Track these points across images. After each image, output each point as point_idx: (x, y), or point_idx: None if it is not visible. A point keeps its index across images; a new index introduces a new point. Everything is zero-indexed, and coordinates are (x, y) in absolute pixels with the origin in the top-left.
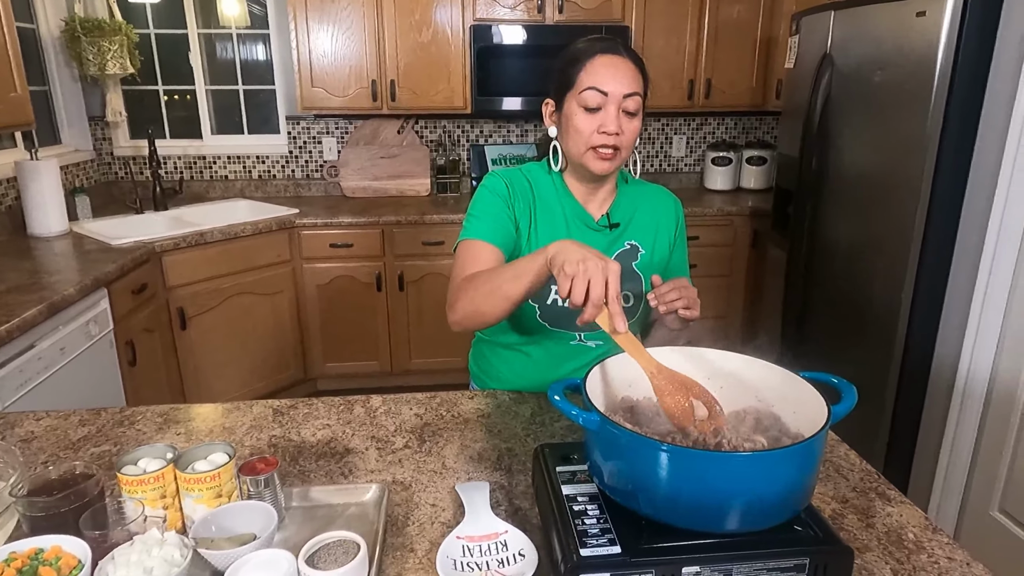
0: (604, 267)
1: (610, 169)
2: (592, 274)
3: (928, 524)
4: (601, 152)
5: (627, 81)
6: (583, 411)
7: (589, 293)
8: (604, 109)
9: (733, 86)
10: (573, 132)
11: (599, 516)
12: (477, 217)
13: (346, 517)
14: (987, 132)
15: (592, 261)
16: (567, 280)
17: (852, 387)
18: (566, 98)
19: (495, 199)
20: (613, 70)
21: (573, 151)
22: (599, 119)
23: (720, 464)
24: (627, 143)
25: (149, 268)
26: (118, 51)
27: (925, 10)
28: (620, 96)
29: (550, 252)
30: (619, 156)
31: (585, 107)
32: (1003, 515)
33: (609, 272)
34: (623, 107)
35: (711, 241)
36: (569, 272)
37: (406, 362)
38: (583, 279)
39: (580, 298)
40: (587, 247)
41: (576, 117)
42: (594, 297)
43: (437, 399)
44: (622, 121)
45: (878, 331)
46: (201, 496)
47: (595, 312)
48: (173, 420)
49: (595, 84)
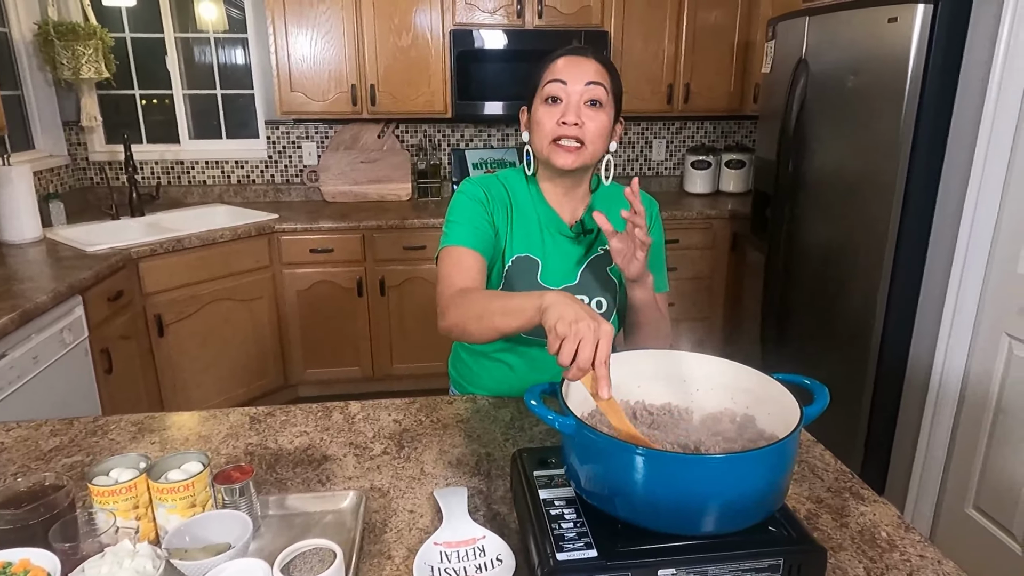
0: (596, 329)
1: (574, 163)
2: (583, 335)
3: (901, 523)
4: (563, 145)
5: (589, 72)
6: (559, 415)
7: (577, 355)
8: (565, 100)
9: (711, 90)
10: (536, 127)
11: (576, 520)
12: (456, 223)
13: (323, 525)
14: (958, 135)
15: (585, 323)
16: (557, 340)
17: (824, 388)
18: (534, 100)
19: (473, 203)
20: (575, 65)
21: (537, 146)
22: (560, 110)
23: (695, 467)
24: (592, 136)
25: (125, 275)
26: (93, 55)
27: (896, 16)
28: (581, 84)
29: (544, 304)
30: (584, 151)
31: (546, 99)
32: (977, 512)
33: (601, 335)
34: (585, 96)
35: (691, 244)
36: (560, 332)
37: (388, 367)
38: (573, 340)
39: (567, 360)
40: (582, 305)
41: (539, 112)
42: (580, 361)
43: (416, 404)
44: (584, 112)
45: (854, 332)
46: (174, 506)
47: (579, 375)
48: (148, 429)
49: (555, 76)
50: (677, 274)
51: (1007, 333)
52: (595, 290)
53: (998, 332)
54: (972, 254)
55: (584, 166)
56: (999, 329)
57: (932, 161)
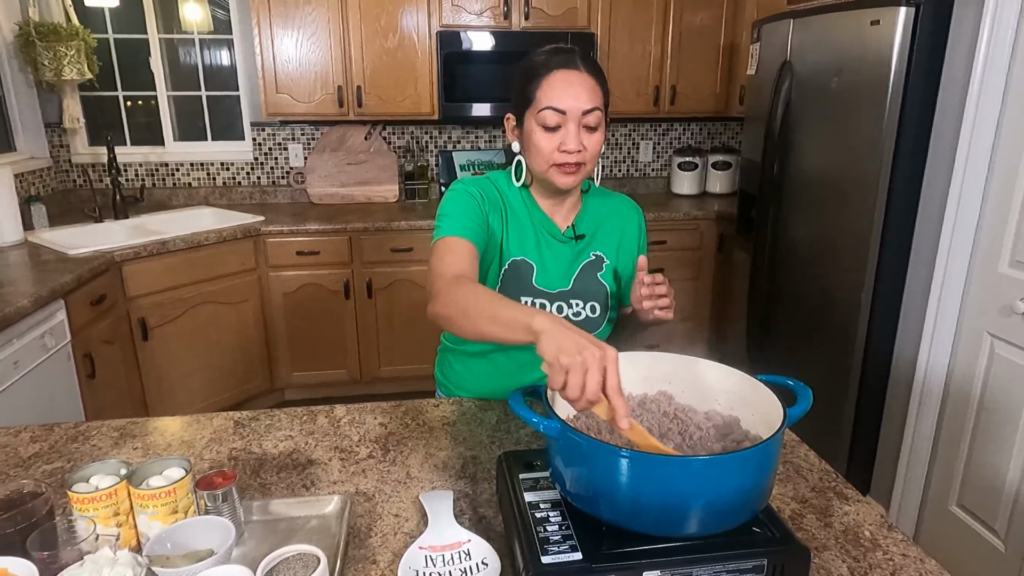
0: (602, 357)
1: (575, 183)
2: (588, 365)
3: (884, 522)
4: (564, 168)
5: (585, 96)
6: (544, 418)
7: (585, 386)
8: (564, 127)
9: (697, 92)
10: (535, 150)
11: (561, 523)
12: (449, 216)
13: (307, 530)
14: (940, 135)
15: (589, 352)
16: (562, 373)
17: (807, 389)
18: (525, 115)
19: (467, 199)
20: (570, 87)
21: (536, 168)
22: (559, 137)
23: (679, 469)
24: (590, 157)
25: (108, 278)
26: (75, 56)
27: (879, 19)
28: (579, 113)
29: (536, 328)
30: (583, 170)
31: (544, 126)
32: (961, 510)
33: (608, 362)
34: (583, 123)
35: (678, 245)
36: (564, 363)
37: (375, 370)
38: (580, 372)
39: (577, 393)
40: (580, 332)
41: (536, 135)
42: (589, 393)
43: (402, 408)
44: (583, 137)
45: (840, 331)
46: (156, 513)
47: (589, 406)
48: (130, 435)
49: (553, 103)
50: (665, 275)
51: (989, 332)
52: (588, 295)
53: (980, 331)
54: (954, 254)
55: (581, 183)
56: (981, 328)
57: (915, 161)
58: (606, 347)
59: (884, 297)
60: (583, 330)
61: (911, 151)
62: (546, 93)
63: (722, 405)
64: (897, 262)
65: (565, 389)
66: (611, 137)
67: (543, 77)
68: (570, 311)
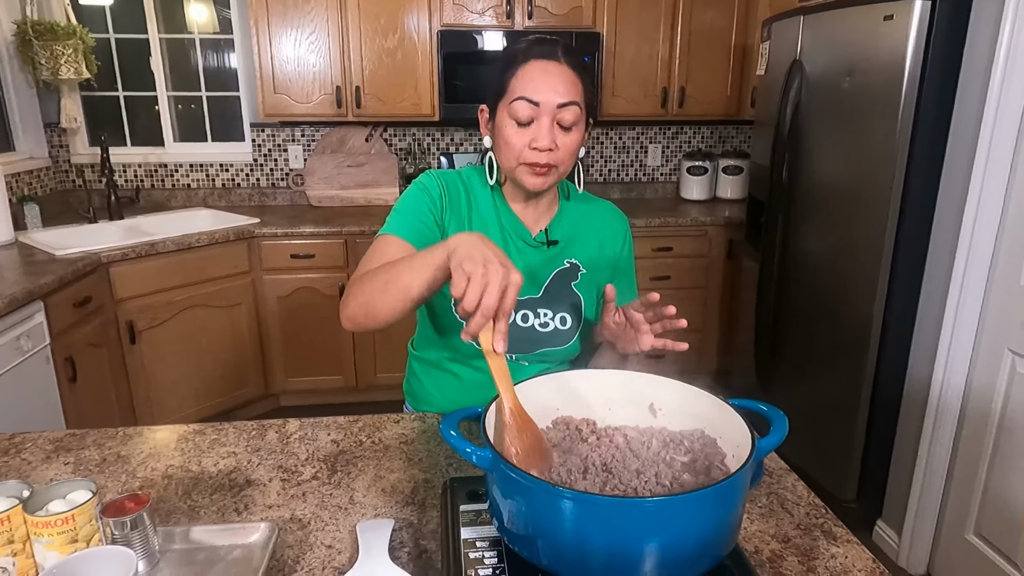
0: (506, 275)
1: (544, 185)
2: (491, 279)
3: (876, 568)
4: (535, 168)
5: (562, 89)
6: (477, 447)
7: (482, 300)
8: (537, 122)
9: (707, 94)
10: (504, 145)
11: (496, 566)
12: (400, 213)
13: (228, 561)
14: (958, 139)
15: (494, 266)
16: (463, 279)
17: (783, 417)
18: (498, 107)
19: (424, 198)
20: (547, 77)
21: (504, 165)
22: (531, 133)
23: (627, 511)
24: (563, 159)
25: (95, 280)
26: (72, 55)
27: (893, 14)
28: (553, 106)
29: (452, 242)
30: (555, 172)
31: (516, 119)
32: (979, 539)
33: (510, 283)
34: (558, 119)
35: (686, 252)
36: (467, 270)
37: (371, 377)
38: (479, 283)
39: (473, 304)
40: (496, 248)
41: (507, 130)
42: (484, 307)
43: (359, 423)
44: (557, 135)
45: (851, 346)
46: (52, 542)
47: (482, 323)
48: (65, 448)
49: (526, 94)
50: (670, 283)
51: (1010, 349)
52: (559, 305)
53: (1000, 347)
54: (973, 264)
55: (555, 184)
56: (1001, 344)
57: (931, 167)
58: (514, 269)
59: (897, 311)
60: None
61: (927, 155)
62: (520, 82)
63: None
64: (911, 273)
65: (463, 299)
66: (618, 140)
67: (519, 66)
68: (537, 320)
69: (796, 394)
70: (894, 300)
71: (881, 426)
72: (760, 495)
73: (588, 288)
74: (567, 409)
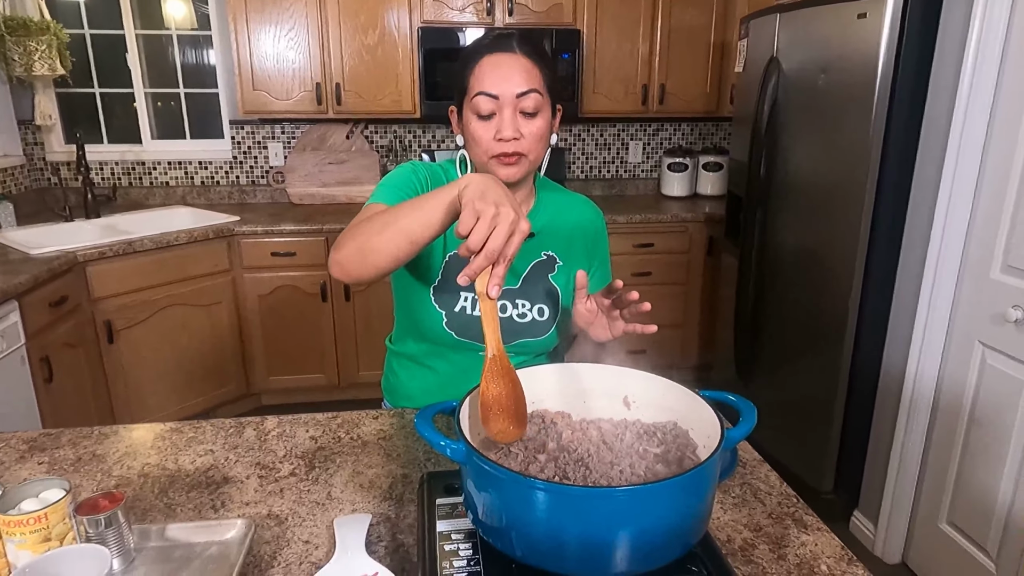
0: (516, 221)
1: (518, 175)
2: (500, 221)
3: (844, 555)
4: (504, 159)
5: (518, 79)
6: (451, 440)
7: (488, 241)
8: (499, 114)
9: (687, 91)
10: (473, 141)
11: (471, 558)
12: (388, 186)
13: (204, 558)
14: (929, 135)
15: (506, 208)
16: (472, 217)
17: (752, 408)
18: (463, 105)
19: (413, 176)
20: (502, 70)
21: (477, 160)
22: (494, 125)
23: (597, 501)
24: (531, 146)
25: (71, 279)
26: (46, 51)
27: (866, 12)
28: (512, 96)
29: (465, 180)
30: (526, 160)
31: (478, 114)
32: (951, 527)
33: (518, 229)
34: (520, 108)
35: (667, 248)
36: (478, 208)
37: (354, 375)
38: (488, 223)
39: (478, 243)
40: (509, 192)
41: (472, 125)
42: (489, 249)
43: (338, 419)
44: (520, 123)
45: (827, 340)
46: (24, 541)
47: (483, 264)
48: (39, 448)
49: (484, 88)
50: (652, 279)
51: (980, 341)
52: (537, 296)
53: (971, 340)
54: (944, 259)
55: (527, 174)
56: (972, 337)
57: (904, 163)
58: (523, 217)
59: (872, 305)
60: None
61: (900, 151)
62: (478, 78)
63: (670, 419)
64: (885, 268)
65: (470, 236)
66: (599, 137)
67: (475, 62)
68: (515, 311)
69: (775, 388)
70: (869, 294)
71: (857, 419)
72: (734, 485)
73: (565, 279)
74: (543, 403)
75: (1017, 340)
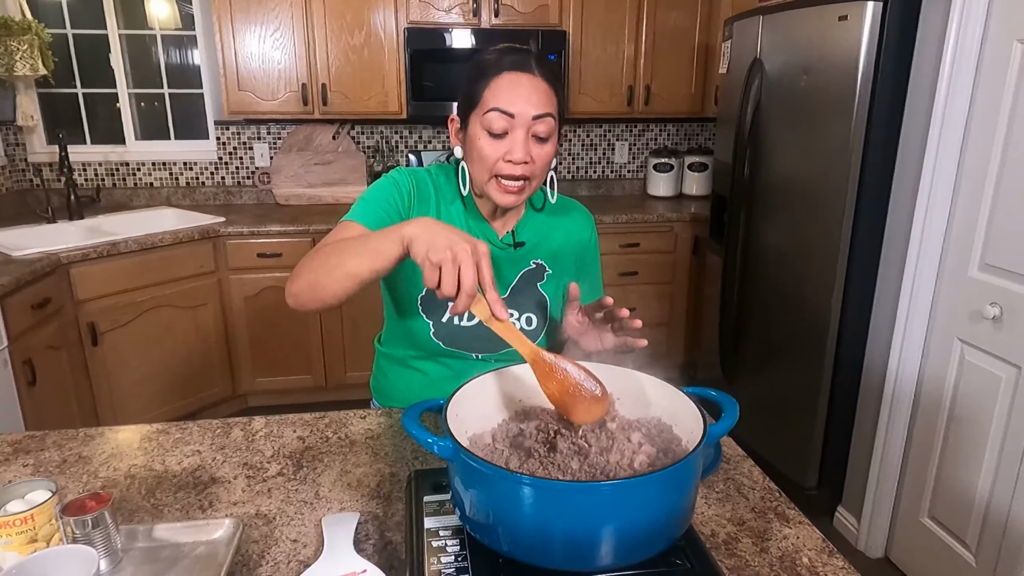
0: (474, 250)
1: (516, 203)
2: (462, 260)
3: (825, 547)
4: (506, 185)
5: (537, 101)
6: (438, 438)
7: (460, 282)
8: (511, 134)
9: (672, 92)
10: (477, 158)
11: (458, 553)
12: (366, 202)
13: (192, 558)
14: (909, 136)
15: (460, 246)
16: (434, 270)
17: (734, 403)
18: (471, 118)
19: (393, 191)
20: (521, 89)
21: (477, 178)
22: (505, 145)
23: (582, 495)
24: (538, 172)
25: (54, 281)
26: (28, 52)
27: (847, 15)
28: (529, 118)
29: (407, 234)
30: (529, 187)
31: (489, 131)
32: (932, 521)
33: (480, 256)
34: (533, 131)
35: (653, 248)
36: (435, 260)
37: (341, 376)
38: (453, 267)
39: (452, 289)
40: (451, 228)
41: (480, 141)
42: (466, 286)
43: (326, 419)
44: (532, 148)
45: (810, 339)
46: (11, 542)
47: (468, 302)
48: (24, 450)
49: (500, 105)
50: (638, 279)
51: (959, 338)
52: (525, 305)
53: (950, 337)
54: (924, 257)
55: (526, 199)
56: (951, 334)
57: (884, 163)
58: (476, 241)
59: (854, 303)
60: None
61: (880, 152)
62: (494, 94)
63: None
64: (867, 267)
65: (440, 287)
66: (585, 138)
67: (492, 77)
68: None
69: (759, 386)
70: (851, 293)
71: (840, 415)
72: (718, 480)
73: (554, 288)
74: (529, 401)
75: (994, 337)
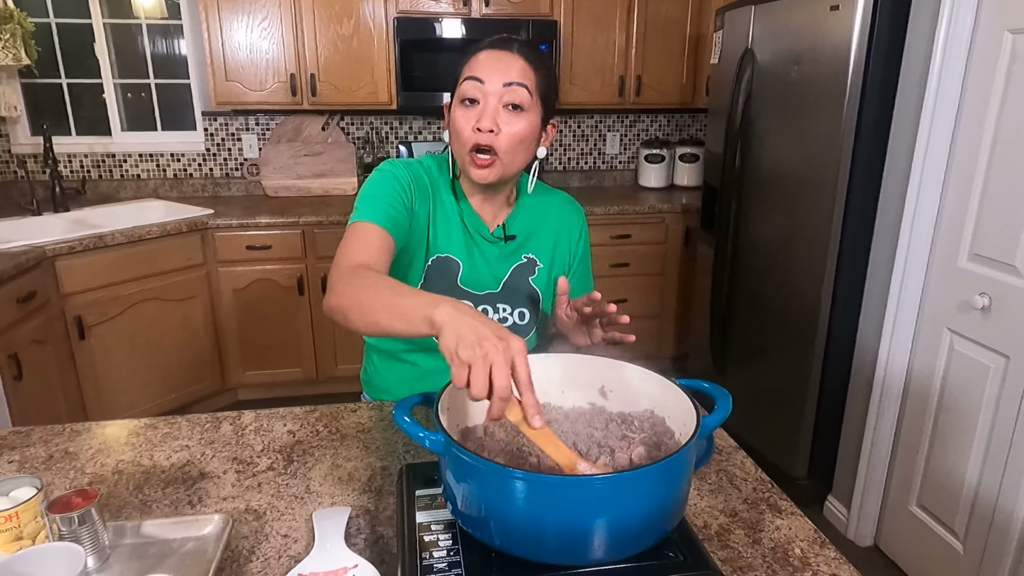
0: (506, 348)
1: (488, 178)
2: (493, 359)
3: (817, 538)
4: (477, 158)
5: (510, 72)
6: (429, 432)
7: (492, 383)
8: (482, 102)
9: (663, 83)
10: (454, 133)
11: (450, 548)
12: (370, 198)
13: (181, 554)
14: (900, 126)
15: (491, 342)
16: (463, 369)
17: (727, 395)
18: (454, 97)
19: (392, 182)
20: (496, 61)
21: (457, 155)
22: (475, 113)
23: (574, 490)
24: (506, 146)
25: (39, 274)
26: (10, 41)
27: (838, 4)
28: (499, 85)
29: (436, 320)
30: (498, 163)
31: (463, 99)
32: (921, 510)
33: (514, 354)
34: (504, 99)
35: (644, 239)
36: (464, 358)
37: (332, 369)
38: (483, 367)
39: (483, 391)
40: (483, 319)
41: (455, 112)
42: (499, 390)
43: (316, 413)
44: (502, 117)
45: (801, 329)
46: None
47: (502, 406)
48: (9, 446)
49: (473, 73)
50: (629, 270)
51: (948, 328)
52: (517, 300)
53: (939, 327)
54: (914, 248)
55: (502, 180)
56: (940, 324)
57: (875, 154)
58: (511, 337)
59: (845, 294)
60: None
61: (871, 143)
62: (471, 67)
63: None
64: (857, 258)
65: (470, 388)
66: (577, 128)
67: (473, 55)
68: (496, 316)
69: (750, 376)
70: (841, 283)
71: (830, 405)
72: (710, 472)
73: (545, 282)
74: None
75: (983, 326)
